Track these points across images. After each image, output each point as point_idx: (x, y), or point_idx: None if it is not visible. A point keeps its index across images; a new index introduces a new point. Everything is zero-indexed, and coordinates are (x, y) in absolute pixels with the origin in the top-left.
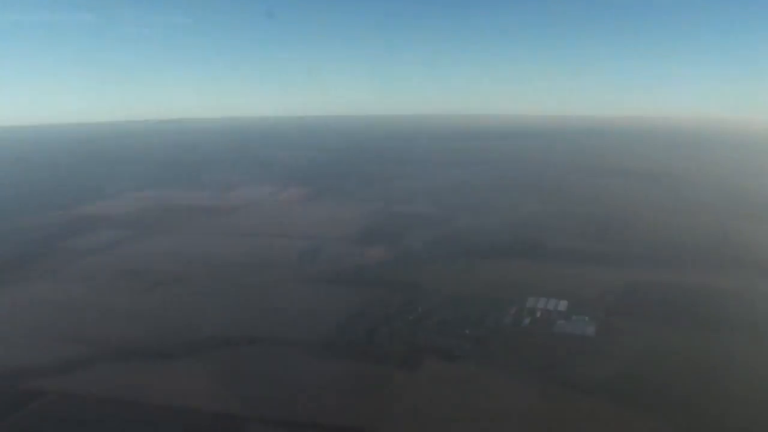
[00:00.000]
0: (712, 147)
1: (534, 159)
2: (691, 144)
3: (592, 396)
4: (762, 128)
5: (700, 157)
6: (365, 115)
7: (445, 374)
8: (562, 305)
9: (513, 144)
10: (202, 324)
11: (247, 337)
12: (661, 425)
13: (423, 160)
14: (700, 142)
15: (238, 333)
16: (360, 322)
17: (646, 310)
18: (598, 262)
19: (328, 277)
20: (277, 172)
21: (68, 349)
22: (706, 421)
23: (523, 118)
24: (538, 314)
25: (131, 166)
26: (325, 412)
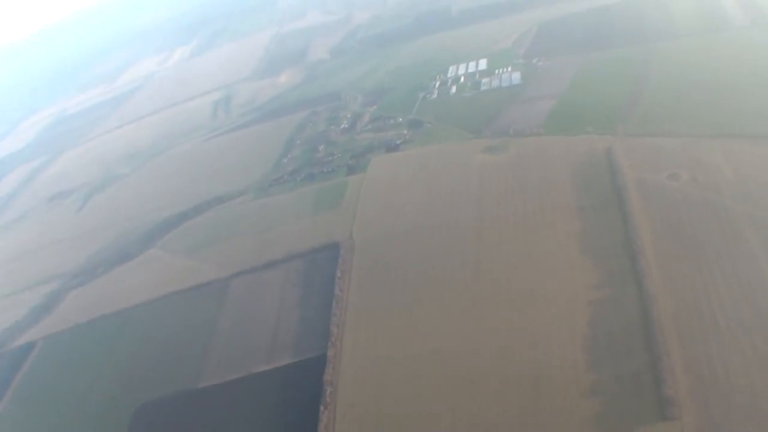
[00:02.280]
0: None
1: None
2: None
3: (536, 134)
4: None
5: None
6: None
7: (395, 163)
8: (483, 64)
9: None
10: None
11: (194, 207)
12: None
13: None
14: None
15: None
16: (296, 150)
17: (564, 44)
18: (505, 12)
19: (249, 119)
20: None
21: None
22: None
23: None
24: (462, 80)
25: None
26: (297, 240)
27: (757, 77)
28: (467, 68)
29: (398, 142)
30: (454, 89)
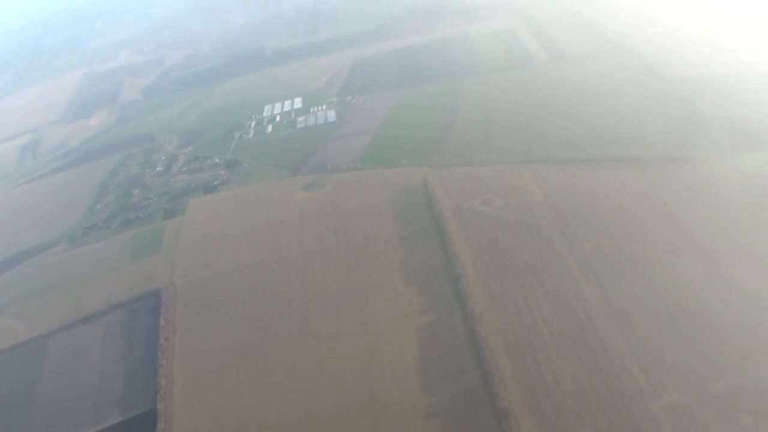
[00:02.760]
0: None
1: None
2: None
3: (353, 168)
4: None
5: None
6: None
7: (213, 204)
8: (298, 102)
9: None
10: None
11: (2, 262)
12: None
13: None
14: None
15: None
16: (110, 195)
17: (377, 82)
18: (319, 52)
19: (59, 164)
20: None
21: None
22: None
23: None
24: (278, 119)
25: None
26: (115, 290)
27: (557, 108)
28: (283, 107)
29: (216, 183)
30: (270, 128)
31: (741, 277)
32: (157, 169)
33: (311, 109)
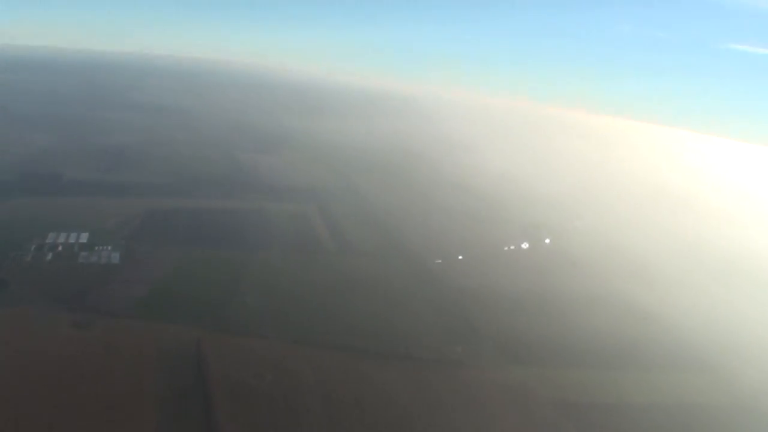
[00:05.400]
0: (226, 87)
1: (44, 93)
2: (214, 84)
3: (126, 315)
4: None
5: (213, 96)
6: None
7: None
8: (84, 237)
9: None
10: None
11: None
12: (190, 327)
13: None
14: (220, 83)
15: None
16: None
17: (166, 235)
18: (116, 192)
19: None
20: None
21: None
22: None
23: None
24: (60, 248)
25: None
26: None
27: (338, 296)
28: (68, 238)
29: None
30: (50, 256)
31: None
32: None
33: (96, 247)
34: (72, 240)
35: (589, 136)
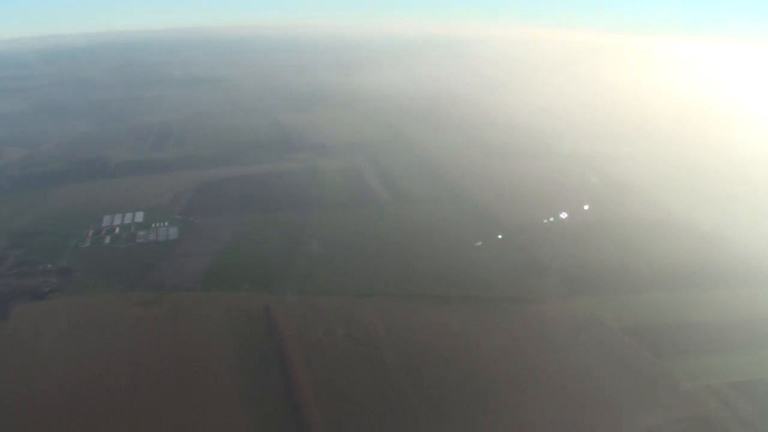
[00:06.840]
0: (257, 53)
1: (78, 81)
2: (244, 51)
3: (192, 288)
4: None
5: (245, 63)
6: None
7: (41, 313)
8: (139, 216)
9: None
10: None
11: None
12: (257, 294)
13: None
14: (254, 49)
15: None
16: None
17: (221, 204)
18: (164, 169)
19: None
20: None
21: None
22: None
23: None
24: (117, 230)
25: None
26: None
27: (398, 246)
28: (123, 219)
29: (46, 289)
30: (108, 239)
31: (579, 414)
32: None
33: (152, 225)
34: (128, 221)
35: (616, 59)
